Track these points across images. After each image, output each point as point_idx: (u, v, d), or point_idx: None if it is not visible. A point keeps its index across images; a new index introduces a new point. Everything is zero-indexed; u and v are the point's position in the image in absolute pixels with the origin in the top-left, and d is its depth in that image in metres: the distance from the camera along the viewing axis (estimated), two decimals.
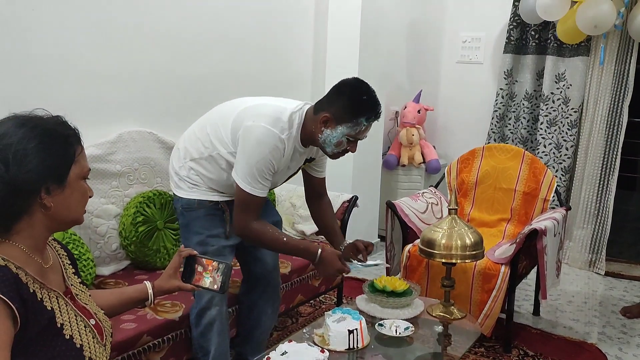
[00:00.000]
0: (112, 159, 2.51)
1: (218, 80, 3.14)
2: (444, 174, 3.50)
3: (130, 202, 2.54)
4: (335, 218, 2.40)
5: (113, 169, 2.51)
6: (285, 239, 2.06)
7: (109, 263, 2.49)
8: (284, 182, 2.25)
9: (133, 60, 2.71)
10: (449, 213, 2.31)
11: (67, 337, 1.14)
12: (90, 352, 1.17)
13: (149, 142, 2.67)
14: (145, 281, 1.47)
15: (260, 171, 1.96)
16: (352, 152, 2.10)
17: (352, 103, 1.97)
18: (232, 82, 3.21)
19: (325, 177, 2.34)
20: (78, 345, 1.15)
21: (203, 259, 1.46)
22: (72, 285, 1.25)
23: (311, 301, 3.21)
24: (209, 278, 1.44)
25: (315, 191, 2.33)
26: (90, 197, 1.22)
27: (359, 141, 2.08)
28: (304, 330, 2.07)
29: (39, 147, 1.09)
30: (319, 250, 2.06)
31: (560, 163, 4.18)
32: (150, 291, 1.44)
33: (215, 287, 1.43)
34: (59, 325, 1.13)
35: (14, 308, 1.04)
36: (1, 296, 1.02)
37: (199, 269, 1.45)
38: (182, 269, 1.46)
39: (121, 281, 2.40)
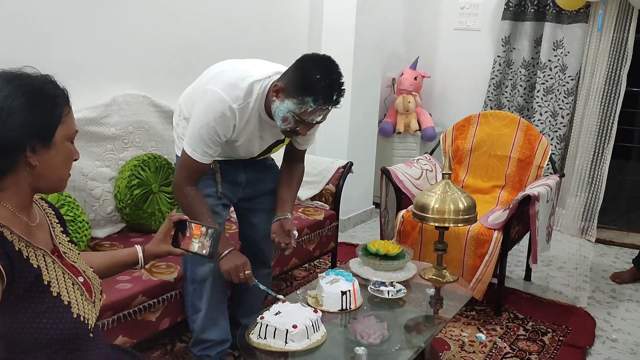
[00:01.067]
0: (106, 122, 2.50)
1: (212, 44, 3.10)
2: (439, 141, 3.50)
3: (125, 165, 2.54)
4: (296, 190, 2.27)
5: (107, 132, 2.50)
6: (208, 219, 1.91)
7: (104, 226, 2.51)
8: (269, 152, 2.18)
9: (128, 24, 2.67)
10: (443, 178, 2.32)
11: (55, 294, 1.14)
12: (78, 309, 1.18)
13: (144, 105, 2.66)
14: (136, 245, 1.48)
15: (202, 137, 1.90)
16: (302, 134, 1.94)
17: (302, 78, 1.81)
18: (226, 47, 3.18)
19: (305, 150, 2.24)
20: (66, 302, 1.16)
21: (192, 224, 1.47)
22: (60, 243, 1.26)
23: (305, 265, 3.25)
24: (198, 243, 1.45)
25: (290, 156, 2.25)
26: (76, 159, 1.22)
27: (316, 125, 1.92)
28: (298, 292, 2.10)
29: (25, 105, 1.08)
30: (232, 248, 1.98)
31: (556, 131, 4.18)
32: (140, 255, 1.45)
33: (204, 252, 1.44)
34: (45, 282, 1.14)
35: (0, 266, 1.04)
36: None
37: (188, 233, 1.46)
38: (172, 234, 1.47)
39: (116, 243, 2.42)
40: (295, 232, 2.15)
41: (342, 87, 1.85)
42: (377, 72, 4.11)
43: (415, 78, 4.50)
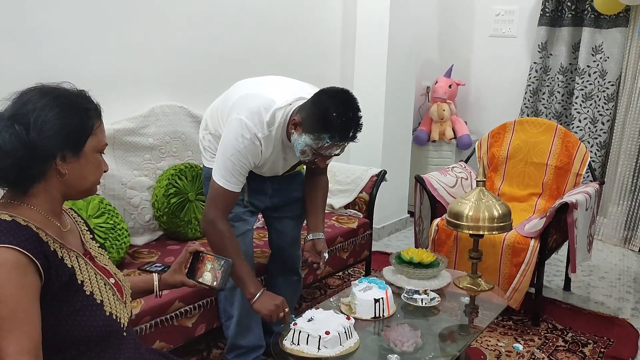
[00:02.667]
0: (144, 132, 2.57)
1: (247, 55, 3.17)
2: (475, 149, 3.46)
3: (162, 174, 2.60)
4: (324, 204, 2.28)
5: (145, 142, 2.57)
6: (238, 260, 1.89)
7: (142, 233, 2.57)
8: (293, 170, 2.19)
9: (165, 36, 2.75)
10: (477, 185, 2.30)
11: (88, 293, 1.20)
12: (110, 308, 1.24)
13: (180, 116, 2.72)
14: (154, 272, 1.53)
15: (233, 165, 1.91)
16: (321, 166, 1.98)
17: (319, 115, 1.80)
18: (261, 57, 3.24)
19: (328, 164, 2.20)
20: (98, 301, 1.21)
21: (207, 256, 1.51)
22: (90, 248, 1.32)
23: (340, 274, 3.25)
24: (210, 274, 1.49)
25: (312, 170, 2.24)
26: (105, 171, 1.27)
27: (334, 156, 1.93)
28: (331, 299, 2.11)
29: (59, 115, 1.14)
30: (263, 289, 1.96)
31: (596, 138, 4.08)
32: (155, 283, 1.50)
33: (215, 283, 1.48)
34: (79, 282, 1.19)
35: (38, 264, 1.10)
36: (26, 253, 1.08)
37: (202, 265, 1.50)
38: (189, 264, 1.51)
39: (154, 251, 2.48)
40: (326, 255, 2.16)
41: (360, 123, 1.84)
42: (411, 80, 4.10)
43: (450, 86, 4.47)
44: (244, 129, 1.89)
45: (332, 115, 1.78)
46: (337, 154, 1.92)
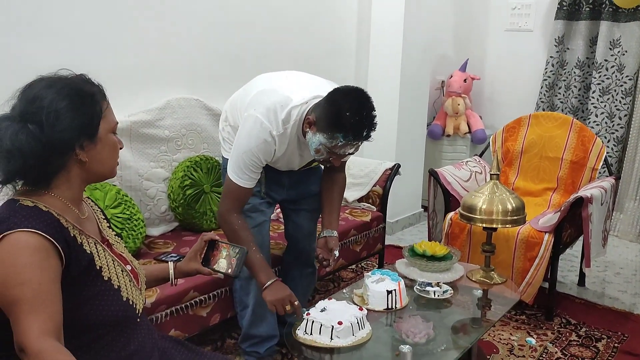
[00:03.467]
0: (160, 124, 2.60)
1: (263, 50, 3.18)
2: (489, 143, 3.45)
3: (178, 166, 2.63)
4: (340, 201, 2.28)
5: (162, 134, 2.60)
6: (252, 248, 1.94)
7: (158, 224, 2.61)
8: (310, 166, 2.20)
9: (182, 30, 2.77)
10: (491, 178, 2.29)
11: (106, 278, 1.22)
12: (127, 294, 1.26)
13: (196, 108, 2.75)
14: (169, 261, 1.55)
15: (245, 163, 1.94)
16: (335, 165, 1.97)
17: (333, 114, 1.81)
18: (276, 53, 3.25)
19: (346, 160, 2.19)
20: (116, 287, 1.24)
21: (222, 244, 1.53)
22: (107, 236, 1.34)
23: (353, 266, 3.27)
24: (225, 262, 1.50)
25: (331, 167, 2.18)
26: (120, 148, 1.29)
27: (349, 155, 1.94)
28: (344, 291, 2.13)
29: (69, 106, 1.15)
30: (276, 278, 1.97)
31: (613, 133, 4.05)
32: (171, 271, 1.51)
33: (230, 271, 1.49)
34: (98, 267, 1.22)
35: (59, 248, 1.12)
36: (49, 237, 1.11)
37: (218, 253, 1.52)
38: (204, 253, 1.53)
39: (170, 241, 2.51)
40: (336, 253, 2.15)
41: (374, 122, 1.84)
42: (426, 75, 4.09)
43: (465, 80, 4.45)
44: (259, 127, 1.91)
45: (346, 115, 1.79)
46: (351, 153, 1.92)
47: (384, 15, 3.80)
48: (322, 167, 2.30)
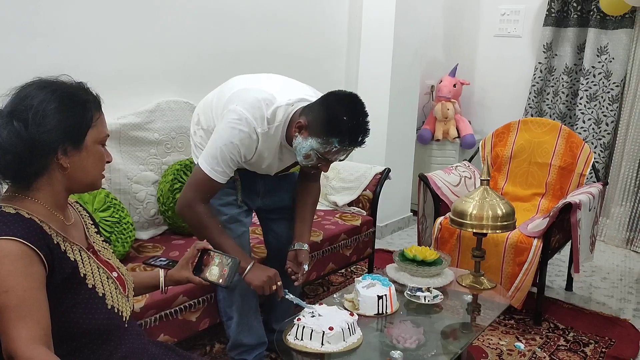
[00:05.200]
0: (150, 127, 2.58)
1: (253, 52, 3.18)
2: (478, 148, 3.47)
3: (167, 169, 2.61)
4: (313, 213, 2.23)
5: (151, 137, 2.58)
6: (221, 238, 1.90)
7: (147, 228, 2.59)
8: (287, 172, 2.16)
9: (171, 32, 2.76)
10: (481, 184, 2.31)
11: (90, 286, 1.21)
12: (112, 301, 1.25)
13: (186, 111, 2.73)
14: (160, 269, 1.54)
15: (224, 155, 1.85)
16: (324, 171, 1.93)
17: (328, 119, 1.77)
18: (267, 55, 3.25)
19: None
20: (100, 294, 1.22)
21: (214, 253, 1.52)
22: (94, 242, 1.32)
23: (342, 271, 3.27)
24: (217, 272, 1.49)
25: (306, 175, 2.20)
26: (108, 162, 1.27)
27: (340, 160, 1.90)
28: (335, 296, 2.12)
29: (58, 109, 1.14)
30: (253, 262, 1.93)
31: (600, 139, 4.09)
32: (161, 279, 1.50)
33: (221, 281, 1.48)
34: (81, 275, 1.20)
35: (41, 255, 1.11)
36: (30, 245, 1.09)
37: (209, 262, 1.51)
38: (196, 261, 1.52)
39: (159, 245, 2.49)
40: (306, 267, 2.10)
41: (368, 128, 1.82)
42: (416, 79, 4.11)
43: (455, 85, 4.48)
44: (242, 120, 1.84)
45: (343, 119, 1.76)
46: (342, 160, 1.90)
47: (374, 20, 3.81)
48: (297, 173, 2.25)
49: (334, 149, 1.81)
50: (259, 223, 2.44)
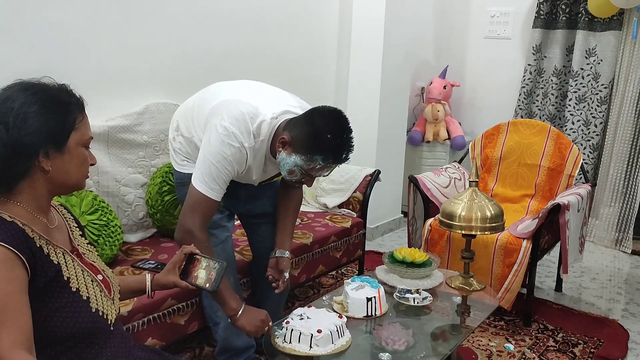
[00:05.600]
0: (139, 129, 2.57)
1: (243, 54, 3.17)
2: (468, 149, 3.48)
3: (156, 172, 2.60)
4: (294, 220, 2.22)
5: (140, 139, 2.57)
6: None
7: (136, 231, 2.57)
8: (270, 181, 2.14)
9: (160, 34, 2.75)
10: (470, 185, 2.31)
11: (74, 289, 1.19)
12: (97, 304, 1.23)
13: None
14: (146, 273, 1.53)
15: (218, 171, 1.83)
16: (308, 186, 1.92)
17: (312, 136, 1.76)
18: (256, 57, 3.24)
19: None
20: (85, 298, 1.21)
21: (201, 258, 1.51)
22: (79, 245, 1.31)
23: (333, 273, 3.26)
24: (204, 277, 1.48)
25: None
26: (92, 164, 1.25)
27: (324, 176, 1.89)
28: (324, 298, 2.11)
29: (40, 111, 1.13)
30: (244, 305, 1.86)
31: (589, 140, 4.11)
32: (148, 283, 1.49)
33: (208, 286, 1.47)
34: (65, 278, 1.19)
35: (24, 259, 1.09)
36: (12, 249, 1.08)
37: (196, 266, 1.50)
38: (183, 266, 1.51)
39: (147, 248, 2.47)
40: (286, 274, 2.08)
41: (352, 144, 1.81)
42: (406, 81, 4.12)
43: (445, 87, 4.49)
44: (230, 136, 1.81)
45: (327, 137, 1.75)
46: (326, 175, 1.88)
47: (364, 22, 3.82)
48: (279, 181, 2.23)
49: (318, 166, 1.80)
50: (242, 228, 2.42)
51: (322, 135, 1.75)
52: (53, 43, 2.34)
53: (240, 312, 1.84)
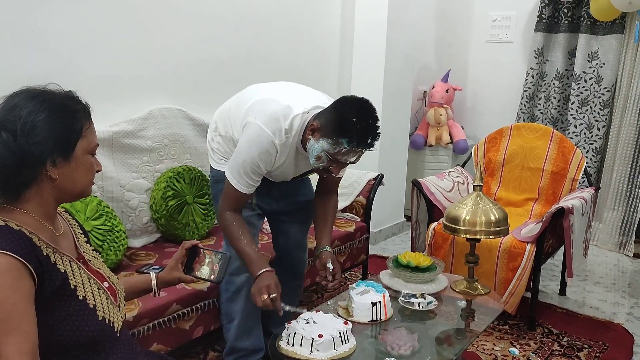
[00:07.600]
0: (143, 134, 2.57)
1: (246, 59, 3.18)
2: (471, 153, 3.48)
3: (160, 177, 2.60)
4: (333, 220, 2.27)
5: (144, 144, 2.57)
6: (244, 241, 1.96)
7: (140, 236, 2.57)
8: (303, 176, 2.19)
9: (164, 39, 2.75)
10: (474, 189, 2.31)
11: (81, 297, 1.19)
12: (104, 312, 1.23)
13: (179, 119, 2.73)
14: (151, 271, 1.53)
15: (246, 170, 1.94)
16: (334, 174, 1.96)
17: (338, 120, 1.82)
18: (259, 62, 3.25)
19: (339, 179, 2.23)
20: (91, 306, 1.21)
21: (204, 250, 1.51)
22: (84, 252, 1.31)
23: None
24: (208, 269, 1.49)
25: (324, 187, 2.23)
26: (98, 171, 1.25)
27: (349, 165, 1.93)
28: (329, 303, 2.11)
29: (47, 120, 1.12)
30: (265, 269, 1.92)
31: (592, 144, 4.11)
32: (153, 282, 1.50)
33: (212, 277, 1.48)
34: (72, 287, 1.18)
35: (31, 268, 1.09)
36: (19, 258, 1.08)
37: (200, 260, 1.51)
38: (186, 260, 1.51)
39: (152, 253, 2.48)
40: (330, 265, 2.08)
41: (378, 131, 1.87)
42: (408, 85, 4.12)
43: (447, 91, 4.49)
44: (261, 136, 1.90)
45: (352, 120, 1.80)
46: (353, 162, 1.91)
47: (366, 26, 3.83)
48: (309, 177, 2.29)
49: (344, 150, 1.83)
50: (268, 228, 2.44)
51: (347, 118, 1.81)
52: (58, 49, 2.35)
53: (257, 274, 1.91)
